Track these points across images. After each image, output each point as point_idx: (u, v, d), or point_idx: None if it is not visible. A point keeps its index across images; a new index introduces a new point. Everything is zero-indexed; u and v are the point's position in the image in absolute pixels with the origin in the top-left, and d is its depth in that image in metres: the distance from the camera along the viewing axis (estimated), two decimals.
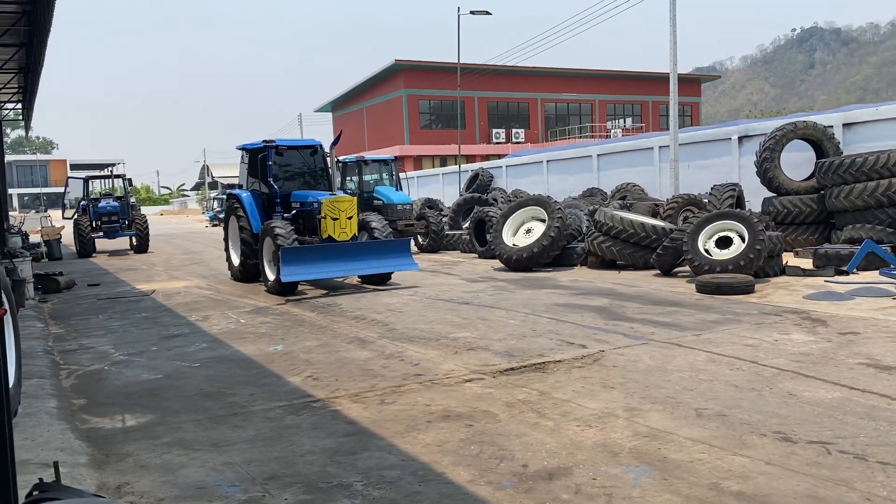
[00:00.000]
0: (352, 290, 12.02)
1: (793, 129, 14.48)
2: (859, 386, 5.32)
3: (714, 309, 8.77)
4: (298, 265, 11.04)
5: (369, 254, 11.88)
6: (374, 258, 11.86)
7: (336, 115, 62.26)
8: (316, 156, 13.80)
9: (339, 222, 11.83)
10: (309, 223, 12.55)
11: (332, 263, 11.43)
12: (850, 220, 12.96)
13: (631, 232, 12.67)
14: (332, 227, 11.82)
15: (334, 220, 11.80)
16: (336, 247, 11.64)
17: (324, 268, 11.37)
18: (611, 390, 5.52)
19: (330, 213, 11.83)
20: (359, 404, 5.44)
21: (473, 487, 3.82)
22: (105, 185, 28.23)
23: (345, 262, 11.54)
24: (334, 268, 11.50)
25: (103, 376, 6.77)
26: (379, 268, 11.99)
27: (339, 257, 11.49)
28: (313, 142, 13.97)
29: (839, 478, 3.72)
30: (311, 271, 11.25)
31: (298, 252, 11.15)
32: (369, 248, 12.02)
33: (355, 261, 11.66)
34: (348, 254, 11.64)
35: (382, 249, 12.02)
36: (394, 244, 12.24)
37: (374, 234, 12.55)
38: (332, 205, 11.86)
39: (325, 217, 11.86)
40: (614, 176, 21.91)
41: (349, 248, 11.73)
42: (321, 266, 11.32)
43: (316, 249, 11.45)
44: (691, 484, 3.73)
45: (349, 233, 11.95)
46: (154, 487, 4.01)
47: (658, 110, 58.13)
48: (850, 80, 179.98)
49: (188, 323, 9.49)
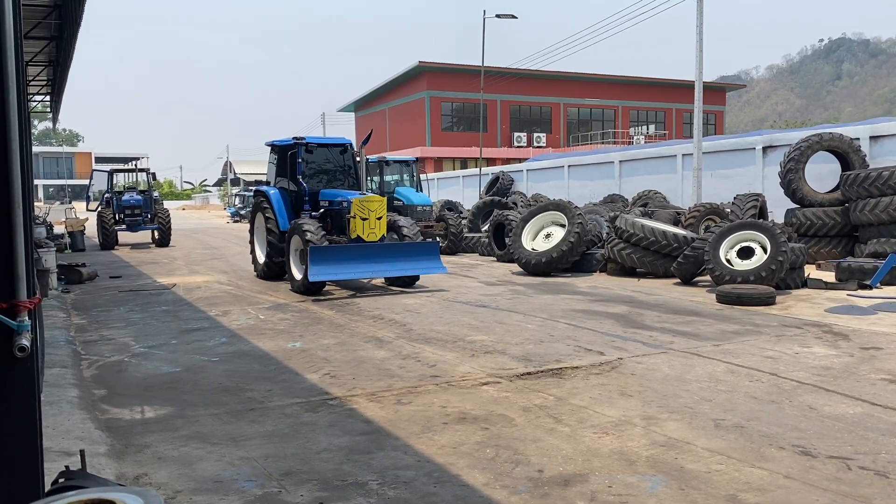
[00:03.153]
0: (374, 291, 11.93)
1: (818, 141, 14.33)
2: (881, 402, 5.26)
3: (734, 319, 8.70)
4: (326, 265, 10.87)
5: (398, 255, 11.65)
6: (402, 260, 11.63)
7: (359, 115, 62.47)
8: (345, 154, 13.61)
9: (368, 222, 11.59)
10: (337, 222, 12.36)
11: (361, 264, 11.24)
12: (875, 233, 12.80)
13: (652, 239, 12.60)
14: (360, 227, 11.58)
15: (363, 220, 11.56)
16: (365, 247, 11.45)
17: (352, 268, 11.19)
18: (628, 398, 5.49)
19: (359, 212, 11.58)
20: (375, 403, 5.46)
21: (488, 491, 3.82)
22: (129, 178, 28.46)
23: (373, 263, 11.34)
24: (362, 268, 11.31)
25: (123, 368, 6.84)
26: (407, 270, 11.77)
27: (367, 258, 11.31)
28: (343, 140, 13.74)
29: (859, 494, 3.68)
30: (338, 271, 11.08)
31: (327, 252, 10.98)
32: (398, 249, 11.80)
33: (383, 262, 11.43)
34: (377, 255, 11.43)
35: (411, 251, 11.82)
36: (422, 246, 12.06)
37: (403, 235, 12.30)
38: (362, 205, 11.61)
39: (355, 217, 11.61)
40: (636, 183, 21.80)
41: (378, 249, 11.53)
42: (349, 266, 11.14)
43: (345, 249, 11.30)
44: (708, 495, 3.70)
45: (378, 233, 11.73)
46: (171, 479, 4.05)
47: (682, 118, 57.73)
48: (877, 92, 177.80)
49: (208, 317, 9.56)
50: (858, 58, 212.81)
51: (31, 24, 13.58)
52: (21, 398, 2.61)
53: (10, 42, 2.47)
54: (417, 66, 50.23)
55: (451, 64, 50.90)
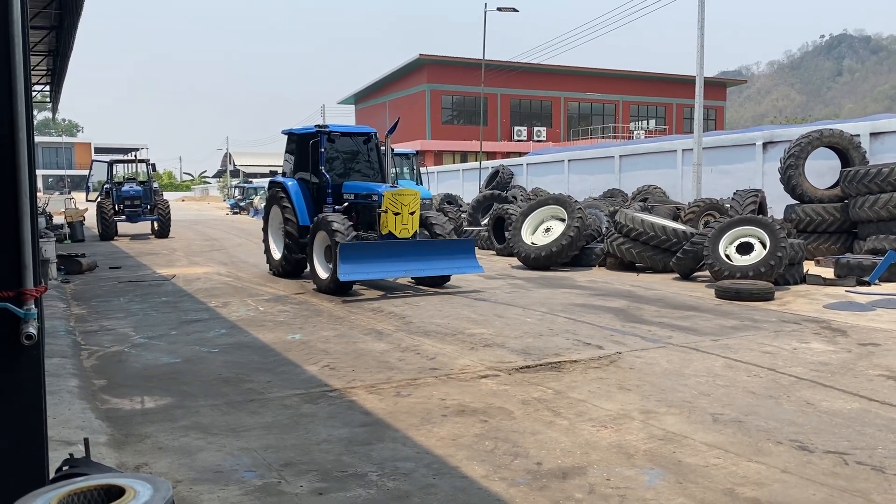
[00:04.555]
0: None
1: (819, 137, 14.34)
2: (878, 398, 5.28)
3: (733, 315, 8.73)
4: (357, 263, 10.06)
5: (432, 254, 10.85)
6: (437, 259, 10.84)
7: (359, 107, 62.38)
8: (369, 144, 12.68)
9: (400, 218, 10.77)
10: (365, 217, 11.49)
11: (393, 263, 10.43)
12: (874, 230, 12.82)
13: (651, 234, 12.62)
14: (392, 223, 10.75)
15: (396, 214, 10.74)
16: (397, 244, 10.64)
17: (384, 267, 10.38)
18: (627, 392, 5.52)
19: (392, 207, 10.74)
20: (375, 395, 5.48)
21: (487, 483, 3.84)
22: (129, 169, 28.44)
23: (406, 262, 10.50)
24: (395, 267, 10.49)
25: (123, 358, 6.86)
26: (442, 269, 10.99)
27: (399, 256, 10.49)
28: (367, 129, 12.86)
29: (855, 489, 3.71)
30: (369, 270, 10.28)
31: (357, 249, 10.18)
32: (433, 247, 10.97)
33: (417, 261, 10.61)
34: (410, 253, 10.62)
35: (446, 249, 11.01)
36: (458, 244, 11.26)
37: (435, 232, 11.37)
38: (395, 198, 10.77)
39: (387, 211, 10.75)
40: (636, 177, 21.80)
41: (411, 247, 10.74)
42: (381, 265, 10.33)
43: (376, 247, 10.49)
44: (706, 488, 3.73)
45: (411, 229, 10.91)
46: (172, 469, 4.07)
47: (682, 113, 57.69)
48: (878, 88, 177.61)
49: (207, 309, 9.58)
50: (859, 54, 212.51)
51: (31, 14, 13.56)
52: (28, 386, 2.63)
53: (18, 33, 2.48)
54: (418, 58, 50.13)
55: (452, 57, 50.79)
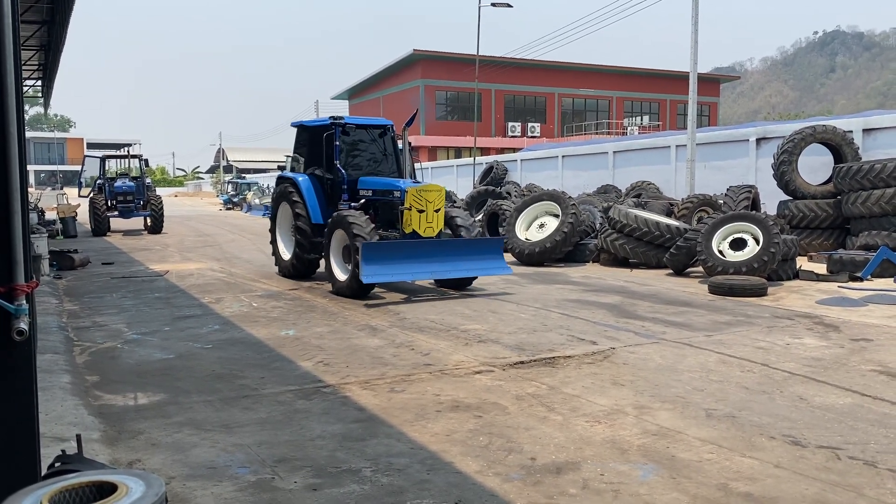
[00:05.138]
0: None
1: (812, 133, 14.37)
2: (871, 393, 5.31)
3: (726, 310, 8.75)
4: (380, 264, 9.41)
5: (459, 254, 10.19)
6: (463, 259, 10.16)
7: (353, 102, 62.29)
8: (384, 137, 11.93)
9: (425, 215, 10.06)
10: (385, 215, 10.77)
11: (418, 263, 9.76)
12: (866, 226, 12.87)
13: (645, 230, 12.64)
14: (416, 221, 10.04)
15: (420, 212, 10.03)
16: (422, 244, 9.97)
17: (408, 268, 9.72)
18: (620, 387, 5.53)
19: (416, 204, 10.03)
20: (369, 391, 5.48)
21: (481, 478, 3.84)
22: (121, 164, 28.32)
23: (431, 263, 9.86)
24: (419, 269, 9.82)
25: (116, 354, 6.84)
26: (469, 270, 10.29)
27: (424, 257, 9.84)
28: (383, 121, 12.12)
29: (848, 483, 3.72)
30: (393, 272, 9.60)
31: (381, 249, 9.52)
32: (459, 247, 10.29)
33: (442, 262, 9.97)
34: (435, 253, 9.98)
35: (473, 249, 10.35)
36: (485, 244, 10.66)
37: (459, 231, 10.68)
38: (419, 194, 10.05)
39: (410, 208, 10.04)
40: (630, 173, 21.82)
41: (437, 247, 10.07)
42: (405, 266, 9.66)
43: (400, 247, 9.81)
44: (699, 483, 3.74)
45: (435, 228, 10.21)
46: (165, 465, 4.06)
47: (676, 109, 57.78)
48: (870, 85, 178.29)
49: (201, 305, 9.55)
50: (852, 50, 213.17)
51: (23, 7, 13.47)
52: (20, 382, 2.62)
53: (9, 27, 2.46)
54: (412, 54, 50.07)
55: (446, 52, 50.76)
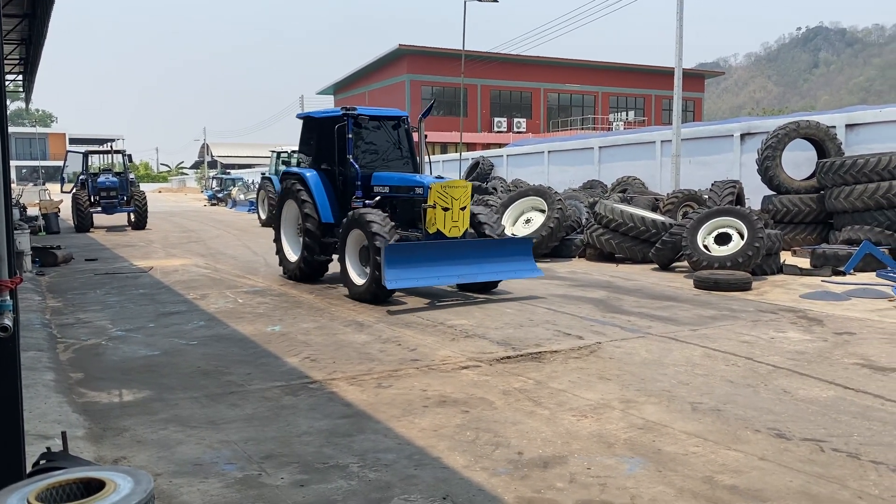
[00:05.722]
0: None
1: (795, 129, 14.47)
2: (853, 386, 5.36)
3: (711, 305, 8.81)
4: (405, 268, 8.66)
5: (487, 255, 9.40)
6: (491, 261, 9.38)
7: (338, 97, 62.06)
8: (399, 130, 11.14)
9: (450, 213, 9.27)
10: (404, 213, 10.01)
11: (444, 266, 9.02)
12: (849, 221, 12.99)
13: (630, 225, 12.69)
14: (441, 220, 9.25)
15: (445, 210, 9.24)
16: (449, 245, 9.20)
17: (434, 272, 8.97)
18: (607, 382, 5.55)
19: (441, 201, 9.22)
20: (356, 387, 5.47)
21: (469, 473, 3.85)
22: (104, 160, 28.08)
23: (458, 266, 9.11)
24: (446, 272, 9.06)
25: (100, 351, 6.79)
26: (498, 273, 9.50)
27: (451, 259, 9.09)
28: (397, 112, 11.29)
29: (832, 475, 3.76)
30: (419, 276, 8.83)
31: (405, 251, 8.78)
32: (487, 248, 9.49)
33: (470, 264, 9.20)
34: (463, 255, 9.21)
35: (502, 250, 9.57)
36: (514, 244, 9.88)
37: (483, 230, 9.88)
38: (444, 191, 9.24)
39: (434, 206, 9.23)
40: (615, 168, 21.89)
41: (464, 248, 9.30)
42: (431, 270, 8.92)
43: (425, 248, 9.04)
44: (685, 476, 3.76)
45: (461, 227, 9.43)
46: (151, 462, 4.04)
47: (661, 104, 58.01)
48: (853, 80, 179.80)
49: (186, 301, 9.50)
50: (835, 46, 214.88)
51: (3, 1, 13.30)
52: (3, 379, 2.59)
53: None
54: (398, 48, 49.94)
55: (432, 47, 50.66)
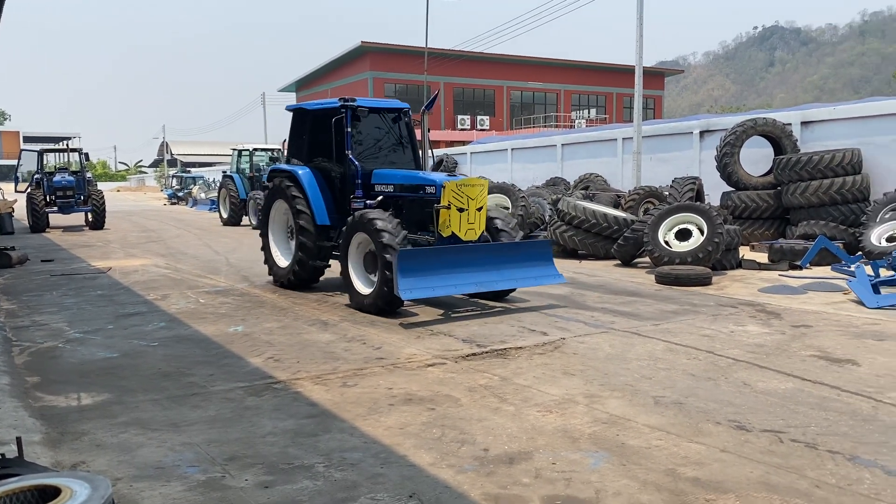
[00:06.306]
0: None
1: (753, 126, 14.74)
2: (811, 377, 5.48)
3: (672, 300, 8.93)
4: (420, 276, 7.77)
5: (505, 261, 8.52)
6: (510, 267, 8.51)
7: (300, 94, 61.57)
8: (399, 123, 10.15)
9: (466, 215, 8.42)
10: (412, 214, 9.07)
11: (461, 274, 8.09)
12: (805, 216, 13.28)
13: (593, 222, 12.80)
14: (456, 222, 8.39)
15: (460, 211, 8.38)
16: (466, 250, 8.31)
17: (451, 280, 8.02)
18: (571, 377, 5.59)
19: (456, 201, 8.37)
20: (321, 386, 5.43)
21: (435, 470, 3.84)
22: (60, 158, 27.46)
23: (475, 273, 8.20)
24: (464, 280, 8.11)
25: (57, 354, 6.63)
26: (518, 280, 8.63)
27: (468, 265, 8.18)
28: (398, 104, 10.25)
29: (790, 465, 3.84)
30: (435, 285, 7.91)
31: (419, 258, 7.91)
32: (505, 252, 8.61)
33: (488, 270, 8.31)
34: (480, 261, 8.31)
35: (520, 255, 8.73)
36: (532, 248, 9.03)
37: (500, 236, 9.03)
38: (460, 190, 8.38)
39: (450, 207, 8.37)
40: (578, 166, 22.06)
41: (482, 253, 8.40)
42: (447, 278, 7.99)
43: (441, 254, 8.16)
44: (648, 469, 3.81)
45: (478, 230, 8.60)
46: (111, 467, 3.96)
47: (622, 102, 58.66)
48: (807, 79, 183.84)
49: (146, 301, 9.33)
50: (790, 45, 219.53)
51: None
52: None
53: None
54: (360, 46, 49.72)
55: (395, 45, 50.52)
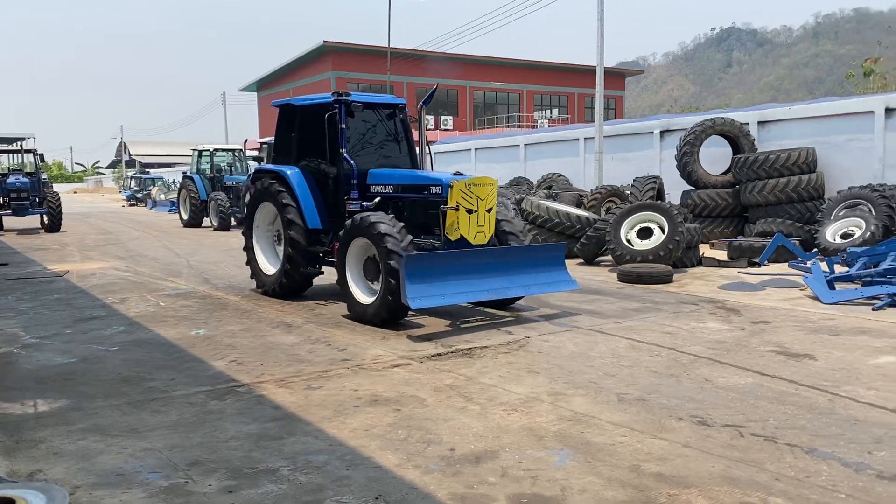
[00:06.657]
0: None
1: (711, 126, 14.99)
2: (770, 372, 5.59)
3: (635, 297, 9.03)
4: (429, 283, 7.16)
5: (516, 266, 7.95)
6: (521, 272, 7.94)
7: (262, 94, 60.96)
8: (395, 119, 9.61)
9: (475, 217, 7.81)
10: (416, 216, 8.46)
11: (471, 280, 7.48)
12: (763, 214, 13.55)
13: (556, 221, 12.90)
14: (465, 224, 7.76)
15: (469, 212, 7.76)
16: (477, 255, 7.76)
17: (462, 287, 7.40)
18: (536, 375, 5.62)
19: (465, 202, 7.74)
20: (285, 389, 5.38)
21: (401, 471, 3.83)
22: (14, 160, 26.79)
23: (486, 279, 7.62)
24: (474, 287, 7.50)
25: (13, 360, 6.46)
26: (531, 287, 8.09)
27: (479, 271, 7.61)
28: (394, 99, 9.73)
29: (751, 459, 3.91)
30: (445, 292, 7.27)
31: (427, 263, 7.29)
32: (516, 257, 8.04)
33: (499, 276, 7.73)
34: (491, 266, 7.75)
35: (531, 259, 8.12)
36: (544, 252, 8.44)
37: (508, 237, 8.45)
38: (469, 190, 7.76)
39: (458, 208, 7.72)
40: (540, 165, 22.21)
41: (493, 258, 7.84)
42: (457, 285, 7.36)
43: (451, 259, 7.55)
44: (613, 466, 3.84)
45: (487, 233, 7.99)
46: (69, 475, 3.86)
47: (584, 102, 59.15)
48: (764, 79, 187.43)
49: (104, 305, 9.15)
50: (747, 46, 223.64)
51: None
52: None
53: None
54: (322, 45, 49.38)
55: (357, 44, 50.28)
